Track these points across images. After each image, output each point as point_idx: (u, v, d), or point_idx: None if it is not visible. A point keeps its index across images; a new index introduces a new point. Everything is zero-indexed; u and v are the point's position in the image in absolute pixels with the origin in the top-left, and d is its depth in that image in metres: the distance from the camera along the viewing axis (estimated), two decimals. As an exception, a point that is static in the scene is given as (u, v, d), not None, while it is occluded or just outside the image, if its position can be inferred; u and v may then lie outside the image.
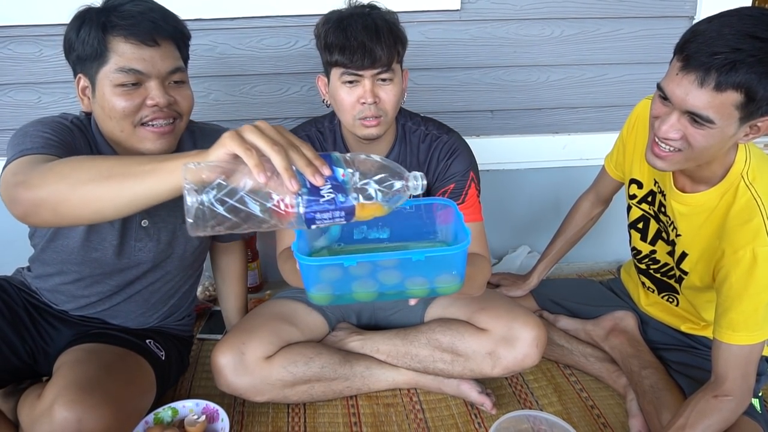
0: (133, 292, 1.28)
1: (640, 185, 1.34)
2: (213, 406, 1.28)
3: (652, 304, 1.46)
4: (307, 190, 0.75)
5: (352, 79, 1.17)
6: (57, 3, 1.50)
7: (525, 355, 1.31)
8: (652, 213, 1.34)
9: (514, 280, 1.67)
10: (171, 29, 1.10)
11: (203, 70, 1.65)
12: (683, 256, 1.25)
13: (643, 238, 1.37)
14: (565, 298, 1.60)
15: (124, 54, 1.05)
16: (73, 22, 1.09)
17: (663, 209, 1.28)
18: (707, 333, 1.35)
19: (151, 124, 1.09)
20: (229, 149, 0.74)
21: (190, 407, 1.29)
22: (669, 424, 1.15)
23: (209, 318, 1.76)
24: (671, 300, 1.39)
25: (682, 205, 1.20)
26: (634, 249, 1.42)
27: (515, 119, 1.87)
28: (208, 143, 0.79)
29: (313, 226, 0.76)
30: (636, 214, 1.38)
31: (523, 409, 1.38)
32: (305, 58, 1.69)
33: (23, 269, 1.34)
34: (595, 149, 1.67)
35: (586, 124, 1.90)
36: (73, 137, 1.09)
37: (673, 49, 1.02)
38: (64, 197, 0.84)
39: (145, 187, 0.80)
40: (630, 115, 1.35)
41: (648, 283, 1.43)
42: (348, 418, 1.37)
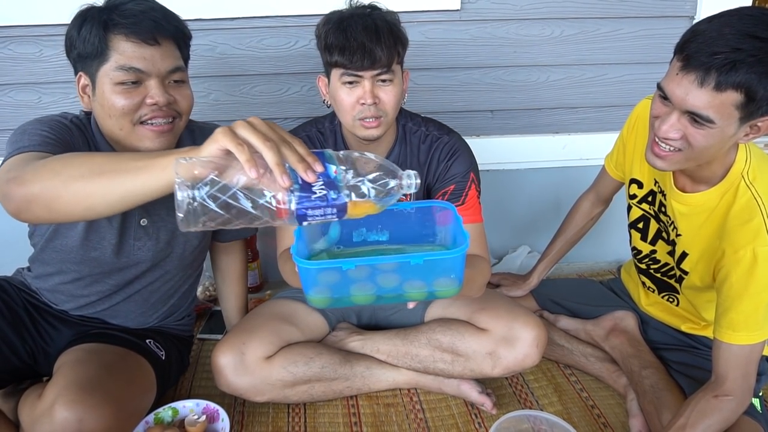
0: (133, 291, 1.28)
1: (640, 185, 1.34)
2: (213, 406, 1.28)
3: (653, 303, 1.46)
4: (299, 186, 0.74)
5: (352, 79, 1.17)
6: (57, 3, 1.50)
7: (525, 355, 1.31)
8: (652, 213, 1.34)
9: (514, 280, 1.67)
10: (172, 29, 1.11)
11: (203, 70, 1.65)
12: (683, 255, 1.25)
13: (644, 238, 1.37)
14: (565, 298, 1.60)
15: (124, 52, 1.06)
16: (74, 20, 1.09)
17: (663, 209, 1.28)
18: (707, 333, 1.35)
19: (151, 123, 1.09)
20: (221, 145, 0.74)
21: (190, 407, 1.29)
22: (669, 424, 1.15)
23: (209, 318, 1.76)
24: (671, 300, 1.39)
25: (682, 204, 1.20)
26: (634, 249, 1.42)
27: (515, 119, 1.87)
28: None
29: (305, 223, 0.76)
30: (636, 213, 1.38)
31: (523, 409, 1.38)
32: (305, 58, 1.69)
33: (23, 269, 1.34)
34: (594, 149, 1.67)
35: (586, 124, 1.90)
36: (72, 136, 1.09)
37: (673, 49, 1.02)
38: (57, 193, 0.84)
39: (137, 184, 0.80)
40: (630, 115, 1.35)
41: (648, 282, 1.43)
42: (348, 418, 1.37)
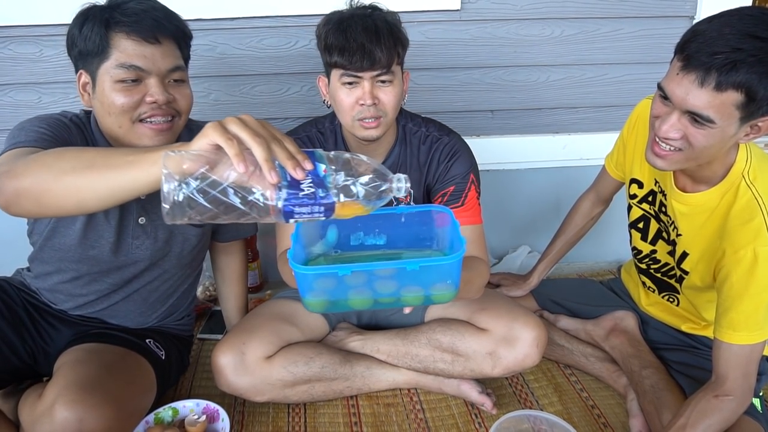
0: (131, 291, 1.28)
1: (640, 185, 1.34)
2: (213, 406, 1.28)
3: (653, 303, 1.46)
4: (287, 183, 0.74)
5: (352, 80, 1.17)
6: (57, 3, 1.50)
7: (525, 355, 1.31)
8: (652, 213, 1.34)
9: (514, 280, 1.67)
10: (173, 28, 1.11)
11: (203, 70, 1.65)
12: (684, 255, 1.25)
13: (644, 238, 1.37)
14: (565, 298, 1.60)
15: (125, 50, 1.06)
16: (76, 18, 1.10)
17: (664, 209, 1.28)
18: (708, 333, 1.35)
19: (150, 121, 1.09)
20: (211, 139, 0.74)
21: (190, 407, 1.29)
22: (670, 424, 1.15)
23: (209, 318, 1.76)
24: (672, 300, 1.39)
25: (682, 204, 1.20)
26: (634, 249, 1.42)
27: (515, 119, 1.87)
28: None
29: (291, 220, 0.76)
30: (636, 213, 1.38)
31: (523, 409, 1.38)
32: (305, 58, 1.69)
33: (23, 270, 1.34)
34: (595, 149, 1.67)
35: (586, 124, 1.90)
36: (70, 134, 1.10)
37: (674, 49, 1.02)
38: (47, 187, 0.84)
39: (128, 178, 0.80)
40: (630, 114, 1.35)
41: (648, 282, 1.43)
42: (348, 418, 1.37)
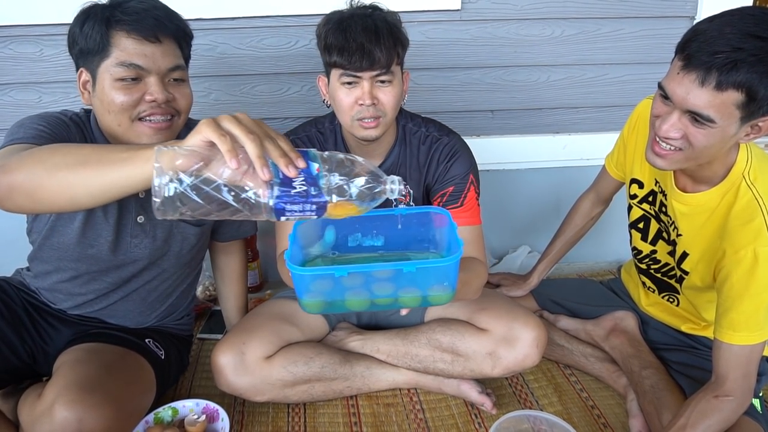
0: (130, 290, 1.28)
1: (641, 185, 1.34)
2: (213, 405, 1.28)
3: (653, 304, 1.46)
4: (280, 181, 0.75)
5: (351, 80, 1.17)
6: (58, 3, 1.50)
7: (525, 355, 1.31)
8: (652, 213, 1.34)
9: (514, 280, 1.67)
10: (173, 27, 1.11)
11: (203, 69, 1.65)
12: (684, 256, 1.25)
13: (644, 238, 1.37)
14: (565, 298, 1.60)
15: (125, 49, 1.06)
16: (78, 16, 1.10)
17: (664, 209, 1.28)
18: (708, 333, 1.35)
19: (149, 120, 1.10)
20: (204, 136, 0.74)
21: (190, 407, 1.29)
22: (669, 424, 1.15)
23: (209, 318, 1.76)
24: (672, 300, 1.39)
25: (683, 204, 1.20)
26: (634, 249, 1.42)
27: (515, 119, 1.87)
28: None
29: (283, 218, 0.76)
30: (637, 213, 1.38)
31: (523, 409, 1.38)
32: (305, 58, 1.69)
33: (22, 270, 1.34)
34: (595, 149, 1.67)
35: (586, 124, 1.90)
36: (69, 132, 1.10)
37: (674, 48, 1.02)
38: (40, 182, 0.84)
39: (121, 175, 0.80)
40: (631, 114, 1.35)
41: (648, 283, 1.43)
42: (348, 418, 1.37)
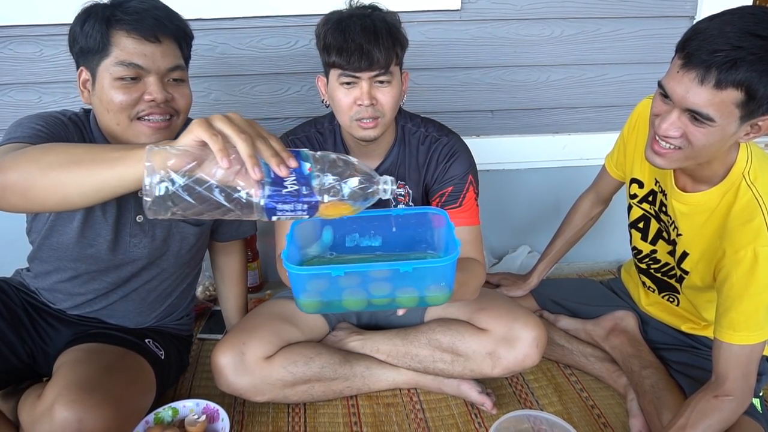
0: (130, 290, 1.29)
1: (641, 185, 1.34)
2: (213, 406, 1.28)
3: (653, 303, 1.46)
4: (271, 180, 0.75)
5: (350, 80, 1.17)
6: (57, 3, 1.50)
7: (525, 355, 1.31)
8: (652, 212, 1.33)
9: (514, 280, 1.67)
10: (174, 27, 1.11)
11: (203, 69, 1.65)
12: (684, 255, 1.25)
13: (644, 238, 1.37)
14: (565, 298, 1.60)
15: (125, 48, 1.07)
16: (79, 15, 1.10)
17: (664, 209, 1.28)
18: (708, 333, 1.35)
19: (147, 119, 1.10)
20: (196, 135, 0.74)
21: (190, 407, 1.29)
22: (670, 424, 1.15)
23: (209, 318, 1.75)
24: (672, 300, 1.39)
25: (683, 204, 1.20)
26: (634, 249, 1.42)
27: (515, 119, 1.87)
28: None
29: (274, 218, 0.76)
30: (637, 213, 1.38)
31: (523, 409, 1.38)
32: (305, 58, 1.69)
33: (22, 270, 1.34)
34: (594, 149, 1.67)
35: (586, 124, 1.90)
36: (67, 131, 1.10)
37: (674, 48, 1.02)
38: (33, 182, 0.84)
39: (113, 174, 0.80)
40: (631, 114, 1.35)
41: (648, 282, 1.43)
42: (348, 418, 1.37)
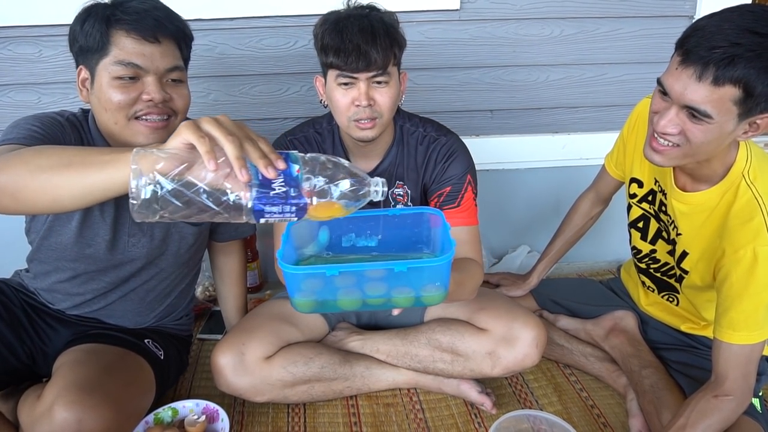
0: (128, 290, 1.29)
1: (640, 184, 1.34)
2: (213, 406, 1.28)
3: (652, 303, 1.46)
4: (259, 182, 0.74)
5: (347, 81, 1.17)
6: (57, 3, 1.50)
7: (525, 355, 1.31)
8: (652, 212, 1.33)
9: (514, 280, 1.67)
10: (173, 28, 1.12)
11: (203, 70, 1.65)
12: (684, 255, 1.25)
13: (644, 238, 1.37)
14: (565, 298, 1.60)
15: (124, 48, 1.07)
16: (79, 15, 1.11)
17: (663, 208, 1.28)
18: (707, 333, 1.35)
19: (145, 119, 1.10)
20: (184, 138, 0.74)
21: (190, 407, 1.29)
22: (669, 424, 1.15)
23: (209, 318, 1.75)
24: (671, 299, 1.39)
25: (682, 204, 1.20)
26: (634, 248, 1.42)
27: (515, 119, 1.87)
28: None
29: (262, 220, 0.76)
30: (636, 213, 1.38)
31: (523, 408, 1.38)
32: (305, 59, 1.69)
33: (21, 271, 1.34)
34: (594, 149, 1.67)
35: (585, 124, 1.90)
36: (64, 133, 1.10)
37: (674, 47, 1.02)
38: (24, 183, 0.84)
39: (103, 177, 0.80)
40: (631, 114, 1.35)
41: (648, 282, 1.43)
42: (348, 418, 1.37)
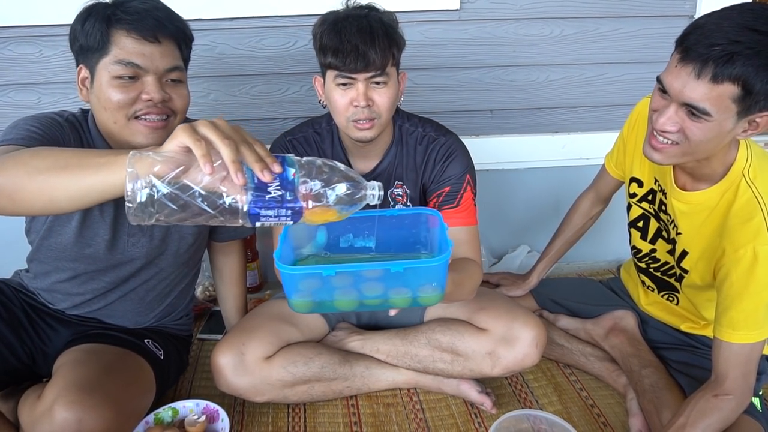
0: (128, 290, 1.29)
1: (640, 184, 1.34)
2: (213, 406, 1.28)
3: (652, 303, 1.46)
4: (254, 186, 0.74)
5: (346, 81, 1.17)
6: (57, 3, 1.50)
7: (525, 354, 1.31)
8: (652, 211, 1.34)
9: (513, 280, 1.67)
10: (173, 28, 1.12)
11: (203, 70, 1.65)
12: (684, 254, 1.25)
13: (644, 237, 1.37)
14: (565, 298, 1.60)
15: (124, 47, 1.07)
16: (80, 14, 1.11)
17: (663, 208, 1.28)
18: (707, 332, 1.35)
19: (144, 119, 1.10)
20: (180, 141, 0.74)
21: (190, 407, 1.29)
22: (669, 423, 1.15)
23: (209, 318, 1.76)
24: (671, 299, 1.39)
25: (682, 203, 1.20)
26: (634, 248, 1.42)
27: (514, 119, 1.87)
28: None
29: (258, 223, 0.76)
30: (636, 212, 1.38)
31: (523, 408, 1.38)
32: (304, 59, 1.69)
33: (21, 271, 1.34)
34: (594, 149, 1.67)
35: (585, 124, 1.90)
36: (63, 133, 1.10)
37: (674, 46, 1.02)
38: (21, 185, 0.84)
39: (99, 179, 0.80)
40: (631, 113, 1.35)
41: (648, 281, 1.43)
42: (348, 418, 1.37)
